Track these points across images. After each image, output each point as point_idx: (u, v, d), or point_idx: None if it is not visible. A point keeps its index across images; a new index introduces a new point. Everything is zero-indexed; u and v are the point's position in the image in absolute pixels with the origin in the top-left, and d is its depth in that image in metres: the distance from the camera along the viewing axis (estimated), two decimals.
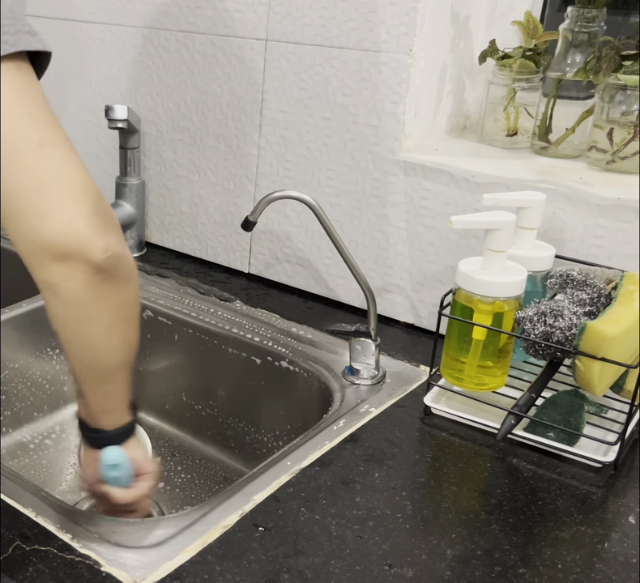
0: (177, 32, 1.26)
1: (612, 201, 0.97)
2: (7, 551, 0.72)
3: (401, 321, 1.18)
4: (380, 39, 1.06)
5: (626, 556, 0.74)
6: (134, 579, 0.69)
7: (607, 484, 0.84)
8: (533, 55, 1.12)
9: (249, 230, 1.00)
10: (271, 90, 1.19)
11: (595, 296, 0.88)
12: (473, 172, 1.05)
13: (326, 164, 1.17)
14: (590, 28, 1.06)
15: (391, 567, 0.72)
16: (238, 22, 1.19)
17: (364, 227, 1.16)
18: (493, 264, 0.88)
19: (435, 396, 0.96)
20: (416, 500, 0.81)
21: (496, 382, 0.92)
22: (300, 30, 1.13)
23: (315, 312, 1.21)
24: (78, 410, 0.84)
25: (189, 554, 0.73)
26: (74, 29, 1.38)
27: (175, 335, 1.22)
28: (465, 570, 0.72)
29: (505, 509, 0.80)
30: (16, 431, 1.22)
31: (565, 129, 1.11)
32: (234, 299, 1.23)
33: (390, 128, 1.10)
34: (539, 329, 0.85)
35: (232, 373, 1.17)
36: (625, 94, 1.03)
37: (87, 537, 0.74)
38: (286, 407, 1.12)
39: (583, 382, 0.85)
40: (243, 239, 1.31)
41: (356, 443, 0.90)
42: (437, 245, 1.10)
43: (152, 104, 1.34)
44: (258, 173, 1.25)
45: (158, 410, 1.28)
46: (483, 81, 1.19)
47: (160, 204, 1.40)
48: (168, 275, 1.31)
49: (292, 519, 0.77)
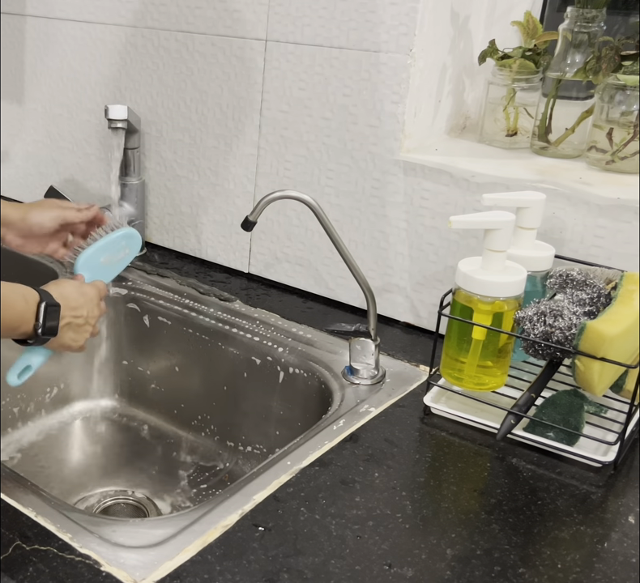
0: (176, 32, 1.26)
1: (611, 201, 0.97)
2: (7, 551, 0.72)
3: (401, 320, 1.18)
4: (380, 39, 1.06)
5: (626, 556, 0.75)
6: (134, 579, 0.69)
7: (606, 484, 0.85)
8: (533, 55, 1.12)
9: (249, 230, 1.00)
10: (271, 90, 1.19)
11: (595, 296, 0.88)
12: (473, 172, 1.05)
13: (326, 164, 1.17)
14: (590, 28, 1.06)
15: (391, 566, 0.72)
16: (238, 22, 1.19)
17: (363, 227, 1.16)
18: (493, 264, 0.88)
19: (435, 396, 0.96)
20: (415, 499, 0.81)
21: (495, 382, 0.92)
22: (299, 30, 1.13)
23: (315, 312, 1.21)
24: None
25: (189, 553, 0.73)
26: (74, 29, 1.38)
27: (175, 335, 1.22)
28: (465, 570, 0.72)
29: (504, 509, 0.80)
30: (16, 431, 1.22)
31: (564, 130, 1.11)
32: (234, 299, 1.24)
33: (390, 128, 1.10)
34: (538, 329, 0.85)
35: (232, 373, 1.17)
36: (625, 94, 1.03)
37: (87, 537, 0.74)
38: (286, 407, 1.12)
39: (583, 382, 0.85)
40: (243, 239, 1.31)
41: (355, 443, 0.90)
42: (437, 245, 1.10)
43: (152, 104, 1.34)
44: (257, 173, 1.25)
45: (158, 410, 1.28)
46: (482, 81, 1.19)
47: (160, 204, 1.40)
48: (168, 275, 1.31)
49: (292, 519, 0.77)
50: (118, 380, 1.30)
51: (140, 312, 1.26)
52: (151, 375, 1.27)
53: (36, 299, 0.80)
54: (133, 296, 1.26)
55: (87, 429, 1.27)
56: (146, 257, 1.38)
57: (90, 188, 1.47)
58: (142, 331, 1.26)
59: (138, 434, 1.26)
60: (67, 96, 1.44)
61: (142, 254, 1.39)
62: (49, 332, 0.82)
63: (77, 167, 1.48)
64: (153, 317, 1.24)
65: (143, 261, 1.35)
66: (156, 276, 1.31)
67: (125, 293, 1.26)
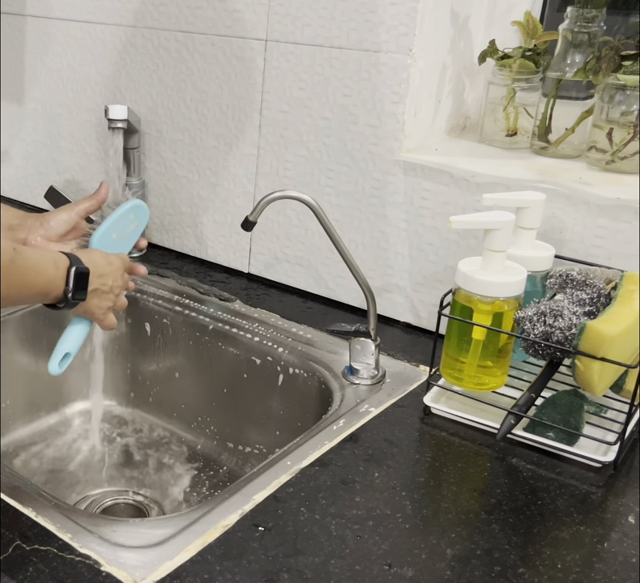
0: (176, 32, 1.26)
1: (611, 201, 0.97)
2: (7, 551, 0.72)
3: (401, 320, 1.18)
4: (380, 39, 1.06)
5: (626, 556, 0.75)
6: (134, 578, 0.69)
7: (606, 484, 0.85)
8: (533, 55, 1.12)
9: (249, 230, 1.00)
10: (271, 90, 1.19)
11: (595, 296, 0.88)
12: (473, 172, 1.05)
13: (326, 164, 1.17)
14: (590, 28, 1.06)
15: (391, 566, 0.72)
16: (238, 22, 1.19)
17: (363, 227, 1.16)
18: (493, 264, 0.88)
19: (435, 396, 0.96)
20: (415, 499, 0.81)
21: (495, 382, 0.92)
22: (299, 30, 1.13)
23: (315, 312, 1.21)
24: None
25: (189, 553, 0.73)
26: (74, 29, 1.38)
27: (175, 335, 1.22)
28: (465, 570, 0.72)
29: (504, 509, 0.80)
30: (16, 431, 1.22)
31: (564, 130, 1.11)
32: (234, 299, 1.24)
33: (390, 128, 1.10)
34: (538, 329, 0.85)
35: (232, 373, 1.17)
36: (625, 94, 1.03)
37: (87, 537, 0.74)
38: (286, 407, 1.12)
39: (583, 382, 0.85)
40: (243, 239, 1.31)
41: (355, 443, 0.90)
42: (437, 245, 1.10)
43: (152, 104, 1.34)
44: (257, 173, 1.25)
45: (158, 410, 1.28)
46: (482, 81, 1.19)
47: (160, 204, 1.40)
48: (168, 275, 1.31)
49: (292, 519, 0.77)
50: (118, 381, 1.30)
51: (140, 313, 1.26)
52: (151, 375, 1.27)
53: (66, 264, 0.81)
54: (133, 296, 1.26)
55: (87, 429, 1.27)
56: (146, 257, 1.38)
57: (90, 188, 1.47)
58: (141, 331, 1.26)
59: (138, 434, 1.26)
60: (67, 96, 1.44)
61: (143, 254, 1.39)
62: (79, 296, 0.82)
63: (77, 167, 1.48)
64: (153, 317, 1.24)
65: (143, 261, 1.35)
66: (156, 276, 1.31)
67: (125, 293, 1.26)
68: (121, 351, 1.29)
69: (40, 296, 0.80)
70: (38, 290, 0.79)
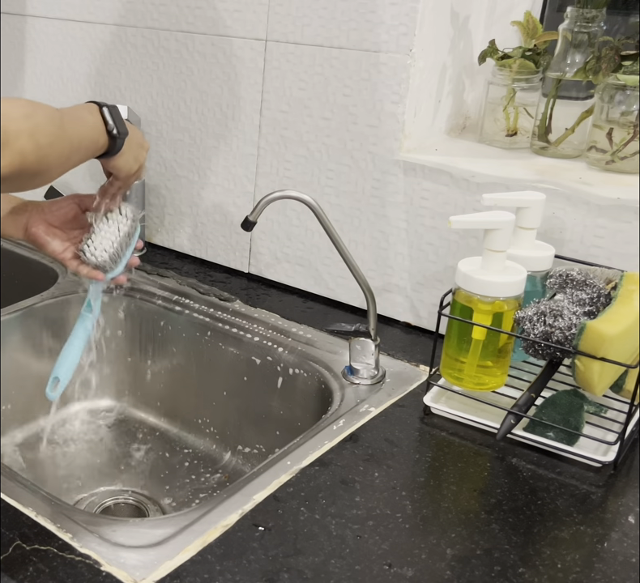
0: (176, 32, 1.26)
1: (611, 201, 0.97)
2: (7, 551, 0.72)
3: (401, 320, 1.18)
4: (380, 39, 1.06)
5: (626, 556, 0.75)
6: (134, 578, 0.69)
7: (606, 484, 0.85)
8: (533, 55, 1.12)
9: (248, 230, 1.00)
10: (271, 90, 1.19)
11: (595, 296, 0.88)
12: (473, 173, 1.05)
13: (326, 164, 1.17)
14: (590, 28, 1.06)
15: (391, 566, 0.72)
16: (238, 22, 1.19)
17: (363, 227, 1.16)
18: (493, 264, 0.88)
19: (435, 396, 0.96)
20: (415, 499, 0.81)
21: (495, 382, 0.92)
22: (299, 30, 1.13)
23: (315, 312, 1.21)
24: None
25: (189, 553, 0.73)
26: (74, 29, 1.38)
27: (175, 335, 1.22)
28: (465, 570, 0.72)
29: (504, 509, 0.80)
30: (16, 431, 1.22)
31: (564, 130, 1.11)
32: (234, 299, 1.24)
33: (390, 128, 1.10)
34: (538, 329, 0.85)
35: (232, 373, 1.17)
36: (625, 94, 1.03)
37: (87, 536, 0.74)
38: (286, 407, 1.12)
39: (583, 382, 0.85)
40: (243, 239, 1.31)
41: (355, 443, 0.90)
42: (437, 245, 1.10)
43: (152, 104, 1.34)
44: (257, 173, 1.25)
45: (158, 410, 1.28)
46: (482, 81, 1.19)
47: (160, 204, 1.40)
48: (168, 275, 1.31)
49: (292, 519, 0.77)
50: (118, 381, 1.30)
51: (140, 313, 1.26)
52: (151, 375, 1.27)
53: (96, 107, 0.84)
54: (133, 296, 1.26)
55: (87, 429, 1.27)
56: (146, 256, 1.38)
57: (90, 188, 1.47)
58: (141, 331, 1.26)
59: (138, 434, 1.26)
60: (67, 96, 1.44)
61: (143, 254, 1.39)
62: (122, 129, 0.85)
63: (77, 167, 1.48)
64: (153, 317, 1.24)
65: (143, 261, 1.35)
66: (156, 276, 1.31)
67: (125, 293, 1.26)
68: (122, 351, 1.29)
69: (93, 146, 0.84)
70: (90, 140, 0.83)
